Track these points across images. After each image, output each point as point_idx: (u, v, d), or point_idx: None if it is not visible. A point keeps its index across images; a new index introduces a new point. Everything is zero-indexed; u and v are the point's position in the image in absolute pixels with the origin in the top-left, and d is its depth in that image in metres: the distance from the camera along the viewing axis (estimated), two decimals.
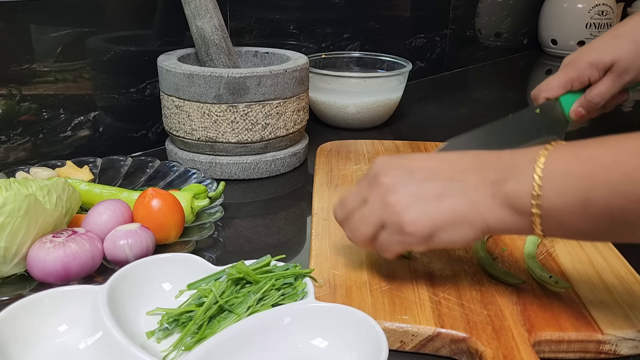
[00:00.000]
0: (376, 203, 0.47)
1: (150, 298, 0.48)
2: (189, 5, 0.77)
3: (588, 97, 0.63)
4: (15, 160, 0.74)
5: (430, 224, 0.45)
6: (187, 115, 0.74)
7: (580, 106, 0.63)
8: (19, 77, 0.72)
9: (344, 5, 1.14)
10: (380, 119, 1.01)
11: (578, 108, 0.64)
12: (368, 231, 0.48)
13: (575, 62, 0.64)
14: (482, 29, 1.56)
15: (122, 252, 0.51)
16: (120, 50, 0.81)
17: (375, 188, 0.47)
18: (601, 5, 1.63)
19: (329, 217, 0.63)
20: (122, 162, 0.74)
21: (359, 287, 0.51)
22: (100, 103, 0.81)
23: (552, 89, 0.64)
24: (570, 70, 0.63)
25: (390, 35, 1.27)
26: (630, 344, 0.45)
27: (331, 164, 0.78)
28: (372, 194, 0.48)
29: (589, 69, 0.63)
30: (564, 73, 0.64)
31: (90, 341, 0.43)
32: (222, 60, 0.80)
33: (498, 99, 1.30)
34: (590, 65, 0.62)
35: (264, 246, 0.62)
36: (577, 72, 0.63)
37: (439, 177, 0.46)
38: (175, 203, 0.57)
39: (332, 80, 0.96)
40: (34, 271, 0.49)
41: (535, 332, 0.45)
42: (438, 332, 0.45)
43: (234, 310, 0.45)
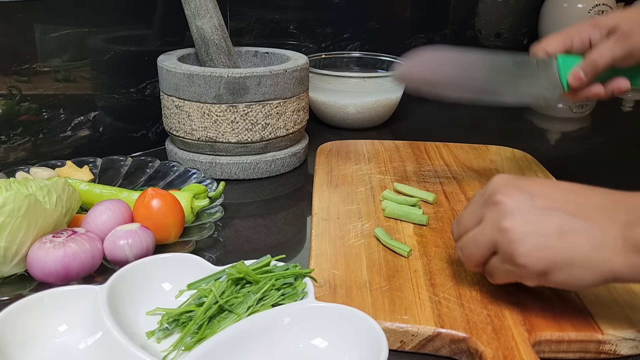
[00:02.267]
0: (490, 224, 0.44)
1: (150, 298, 0.48)
2: (189, 5, 0.77)
3: (589, 59, 0.59)
4: (15, 160, 0.74)
5: (546, 259, 0.42)
6: (187, 115, 0.74)
7: (580, 68, 0.60)
8: (19, 77, 0.72)
9: (344, 5, 1.14)
10: (380, 119, 1.01)
11: (577, 70, 0.60)
12: (478, 253, 0.46)
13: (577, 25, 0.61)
14: (482, 29, 1.56)
15: (122, 252, 0.51)
16: (120, 50, 0.81)
17: (490, 207, 0.45)
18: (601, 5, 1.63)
19: (329, 217, 0.63)
20: (122, 162, 0.74)
21: (359, 287, 0.51)
22: (100, 103, 0.81)
23: (551, 42, 0.61)
24: (572, 29, 0.61)
25: (390, 35, 1.27)
26: (630, 344, 0.45)
27: (331, 164, 0.78)
28: (487, 214, 0.45)
29: (591, 28, 0.59)
30: (566, 32, 0.61)
31: (90, 341, 0.43)
32: (222, 60, 0.80)
33: None
34: (592, 25, 0.59)
35: (264, 246, 0.62)
36: (577, 29, 0.60)
37: (562, 210, 0.42)
38: (175, 203, 0.57)
39: (332, 80, 0.96)
40: (34, 271, 0.49)
41: (535, 332, 0.45)
42: (438, 332, 0.45)
43: (234, 310, 0.45)
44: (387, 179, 0.74)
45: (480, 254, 0.46)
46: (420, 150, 0.84)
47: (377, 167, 0.77)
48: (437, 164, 0.79)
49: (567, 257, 0.41)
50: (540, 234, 0.42)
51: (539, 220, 0.42)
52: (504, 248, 0.43)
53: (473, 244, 0.46)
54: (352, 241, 0.58)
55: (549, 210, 0.42)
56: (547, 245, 0.42)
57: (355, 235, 0.60)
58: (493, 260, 0.45)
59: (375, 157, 0.81)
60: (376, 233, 0.59)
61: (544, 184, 0.46)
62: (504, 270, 0.44)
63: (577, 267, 0.41)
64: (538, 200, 0.43)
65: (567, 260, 0.41)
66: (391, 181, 0.73)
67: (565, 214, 0.42)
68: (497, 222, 0.44)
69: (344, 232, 0.60)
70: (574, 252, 0.41)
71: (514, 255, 0.43)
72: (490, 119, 1.12)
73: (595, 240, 0.41)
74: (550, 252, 0.42)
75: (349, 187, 0.71)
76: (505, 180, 0.46)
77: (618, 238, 0.40)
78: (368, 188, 0.71)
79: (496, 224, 0.44)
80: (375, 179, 0.74)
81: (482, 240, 0.45)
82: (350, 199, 0.68)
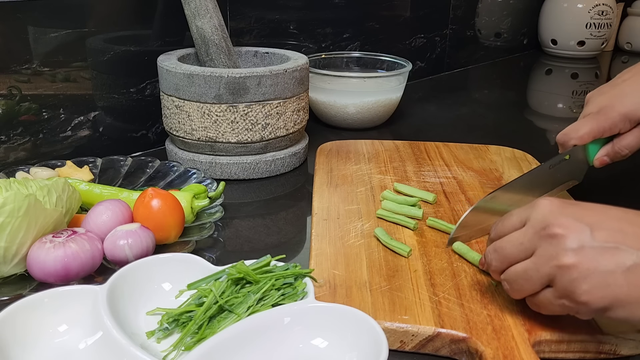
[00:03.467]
0: (546, 259, 0.42)
1: (150, 298, 0.48)
2: (189, 5, 0.77)
3: (616, 148, 0.60)
4: (15, 160, 0.74)
5: (609, 297, 0.40)
6: (187, 115, 0.74)
7: (606, 155, 0.61)
8: (19, 77, 0.72)
9: (344, 5, 1.14)
10: (380, 119, 1.01)
11: (603, 157, 0.61)
12: (529, 288, 0.43)
13: (607, 111, 0.60)
14: (482, 29, 1.56)
15: (122, 252, 0.51)
16: (120, 50, 0.81)
17: (545, 241, 0.42)
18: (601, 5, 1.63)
19: (329, 217, 0.63)
20: (122, 162, 0.74)
21: (359, 287, 0.51)
22: (100, 103, 0.81)
23: (582, 137, 0.60)
24: (603, 120, 0.59)
25: (390, 35, 1.27)
26: (630, 344, 0.45)
27: (331, 164, 0.78)
28: (542, 247, 0.42)
29: (622, 121, 0.59)
30: (596, 121, 0.60)
31: (90, 341, 0.43)
32: (222, 60, 0.80)
33: (498, 99, 1.30)
34: (623, 118, 0.59)
35: (264, 246, 0.62)
36: (609, 122, 0.59)
37: (624, 244, 0.40)
38: (175, 203, 0.57)
39: (332, 80, 0.96)
40: (34, 271, 0.49)
41: (535, 332, 0.45)
42: (438, 332, 0.45)
43: (234, 310, 0.45)
44: (387, 179, 0.74)
45: (532, 288, 0.44)
46: (420, 150, 0.84)
47: (377, 167, 0.77)
48: (437, 164, 0.79)
49: (631, 294, 0.40)
50: (604, 271, 0.40)
51: (602, 255, 0.40)
52: (563, 285, 0.41)
53: (524, 278, 0.43)
54: (352, 241, 0.58)
55: (610, 244, 0.40)
56: (610, 282, 0.40)
57: (355, 235, 0.60)
58: (545, 293, 0.43)
59: (375, 157, 0.81)
60: (376, 233, 0.59)
61: (597, 212, 0.43)
62: (559, 304, 0.43)
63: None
64: (597, 233, 0.41)
65: (631, 297, 0.40)
66: (391, 181, 0.73)
67: (626, 247, 0.40)
68: (555, 258, 0.41)
69: (344, 232, 0.60)
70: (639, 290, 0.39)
71: (575, 293, 0.41)
72: (490, 119, 1.12)
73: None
74: (614, 289, 0.40)
75: (349, 187, 0.71)
76: (556, 207, 0.43)
77: None
78: (368, 188, 0.71)
79: (554, 259, 0.41)
80: (375, 179, 0.74)
81: (536, 275, 0.43)
82: (350, 199, 0.68)
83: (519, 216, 0.45)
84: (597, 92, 0.63)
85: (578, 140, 0.61)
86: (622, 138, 0.60)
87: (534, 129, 1.09)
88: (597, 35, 1.66)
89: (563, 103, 1.29)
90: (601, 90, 0.63)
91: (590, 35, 1.65)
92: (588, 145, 0.62)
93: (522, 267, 0.43)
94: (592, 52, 1.70)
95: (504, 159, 0.81)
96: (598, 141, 0.61)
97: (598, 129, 0.60)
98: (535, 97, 1.36)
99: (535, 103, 1.31)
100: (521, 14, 1.69)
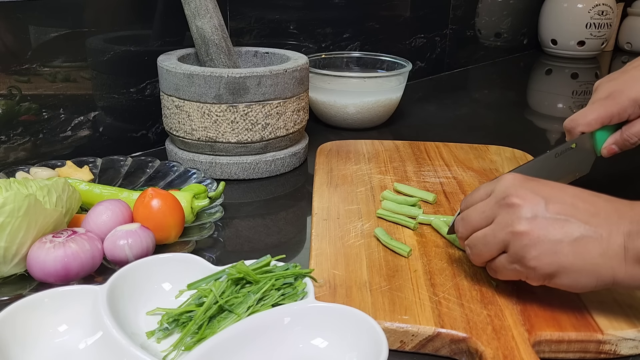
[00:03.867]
0: (502, 226, 0.45)
1: (150, 298, 0.48)
2: (189, 5, 0.77)
3: (625, 136, 0.58)
4: (15, 160, 0.74)
5: (555, 264, 0.43)
6: (187, 115, 0.74)
7: (615, 143, 0.59)
8: (19, 77, 0.72)
9: (344, 5, 1.14)
10: (380, 119, 1.01)
11: (612, 145, 0.59)
12: (487, 252, 0.47)
13: (616, 96, 0.58)
14: (482, 29, 1.56)
15: (122, 252, 0.51)
16: (120, 50, 0.81)
17: (504, 209, 0.45)
18: (601, 5, 1.63)
19: (329, 217, 0.63)
20: (122, 162, 0.74)
21: (359, 287, 0.51)
22: (100, 103, 0.81)
23: (590, 123, 0.59)
24: (611, 105, 0.58)
25: (390, 35, 1.27)
26: (630, 344, 0.45)
27: (331, 164, 0.78)
28: (500, 216, 0.45)
29: (632, 106, 0.57)
30: (604, 107, 0.58)
31: (90, 341, 0.43)
32: (222, 60, 0.80)
33: (498, 99, 1.30)
34: (633, 102, 0.57)
35: (264, 246, 0.62)
36: (618, 107, 0.58)
37: (573, 216, 0.43)
38: (175, 203, 0.57)
39: (332, 80, 0.96)
40: (34, 271, 0.49)
41: (535, 332, 0.45)
42: (438, 332, 0.45)
43: (234, 310, 0.45)
44: (387, 179, 0.74)
45: (489, 253, 0.47)
46: (420, 150, 0.84)
47: (377, 167, 0.77)
48: (437, 164, 0.79)
49: (575, 263, 0.43)
50: (553, 239, 0.43)
51: (552, 226, 0.43)
52: (515, 250, 0.44)
53: (483, 243, 0.47)
54: (352, 241, 0.58)
55: (562, 216, 0.44)
56: (558, 250, 0.43)
57: (355, 235, 0.60)
58: (500, 258, 0.46)
59: (375, 157, 0.81)
60: (376, 233, 0.59)
61: (554, 187, 0.46)
62: (511, 269, 0.46)
63: (583, 273, 0.43)
64: (551, 205, 0.44)
65: (575, 266, 0.43)
66: (391, 181, 0.73)
67: (576, 220, 0.43)
68: (510, 225, 0.44)
69: (344, 232, 0.60)
70: (582, 259, 0.43)
71: (525, 258, 0.44)
72: (490, 119, 1.12)
73: (602, 248, 0.42)
74: (560, 257, 0.43)
75: (349, 187, 0.71)
76: (517, 181, 0.46)
77: (621, 247, 0.42)
78: (368, 188, 0.71)
79: (509, 226, 0.44)
80: (375, 179, 0.74)
81: (493, 241, 0.46)
82: (350, 199, 0.68)
83: (485, 189, 0.49)
84: (606, 79, 0.61)
85: (585, 127, 0.59)
86: (632, 125, 0.58)
87: (534, 129, 1.09)
88: (597, 35, 1.66)
89: (563, 103, 1.29)
90: (610, 77, 0.61)
91: (590, 35, 1.65)
92: (596, 133, 0.59)
93: (482, 233, 0.47)
94: (592, 52, 1.70)
95: (504, 159, 0.81)
96: (606, 130, 0.59)
97: (606, 114, 0.58)
98: (535, 97, 1.36)
99: (535, 103, 1.31)
100: (521, 14, 1.69)
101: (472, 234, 0.48)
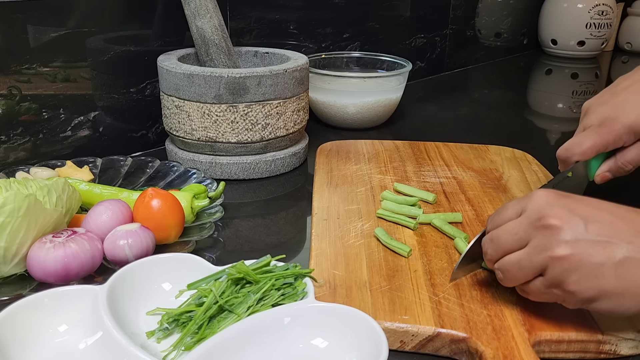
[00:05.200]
0: (539, 250, 0.42)
1: (150, 298, 0.48)
2: (189, 5, 0.77)
3: (620, 163, 0.57)
4: (15, 160, 0.74)
5: (596, 289, 0.41)
6: (187, 115, 0.74)
7: (609, 170, 0.58)
8: (19, 77, 0.72)
9: (344, 5, 1.14)
10: (380, 119, 1.01)
11: (605, 172, 0.58)
12: (522, 277, 0.44)
13: (610, 124, 0.56)
14: (482, 29, 1.56)
15: (122, 252, 0.51)
16: (120, 50, 0.81)
17: (540, 232, 0.42)
18: (601, 5, 1.63)
19: (329, 217, 0.63)
20: (122, 162, 0.74)
21: (359, 287, 0.51)
22: (100, 103, 0.81)
23: (585, 152, 0.57)
24: (606, 134, 0.56)
25: (390, 35, 1.27)
26: (630, 344, 0.45)
27: (331, 164, 0.78)
28: (537, 239, 0.43)
29: (627, 133, 0.56)
30: (599, 135, 0.57)
31: (90, 341, 0.43)
32: (222, 60, 0.80)
33: (498, 99, 1.30)
34: (628, 131, 0.56)
35: (264, 246, 0.62)
36: (613, 136, 0.56)
37: (616, 237, 0.41)
38: (175, 203, 0.57)
39: (332, 80, 0.96)
40: (34, 271, 0.49)
41: (535, 332, 0.45)
42: (438, 332, 0.45)
43: (234, 310, 0.45)
44: (387, 179, 0.74)
45: (524, 277, 0.44)
46: (420, 150, 0.84)
47: (377, 167, 0.77)
48: (437, 164, 0.79)
49: (618, 287, 0.41)
50: (595, 263, 0.41)
51: (593, 248, 0.41)
52: (553, 275, 0.42)
53: (517, 267, 0.44)
54: (352, 241, 0.58)
55: (603, 237, 0.41)
56: (599, 274, 0.41)
57: (355, 235, 0.60)
58: (536, 282, 0.44)
59: (375, 157, 0.81)
60: (376, 233, 0.59)
61: (590, 205, 0.44)
62: (548, 293, 0.44)
63: (626, 296, 0.41)
64: (591, 226, 0.42)
65: (617, 290, 0.41)
66: (391, 181, 0.73)
67: (618, 241, 0.41)
68: (549, 249, 0.42)
69: (344, 232, 0.60)
70: (626, 283, 0.41)
71: (565, 282, 0.42)
72: (490, 119, 1.12)
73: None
74: (602, 281, 0.41)
75: (349, 187, 0.71)
76: (552, 199, 0.44)
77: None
78: (368, 188, 0.71)
79: (548, 250, 0.42)
80: (375, 179, 0.74)
81: (529, 266, 0.43)
82: (350, 199, 0.68)
83: (515, 207, 0.46)
84: (597, 102, 0.60)
85: (581, 156, 0.57)
86: (625, 152, 0.57)
87: (534, 129, 1.09)
88: (597, 35, 1.66)
89: (563, 103, 1.29)
90: (601, 100, 0.60)
91: (590, 35, 1.65)
92: (590, 160, 0.58)
93: (516, 257, 0.44)
94: (592, 52, 1.70)
95: (504, 159, 0.81)
96: (599, 155, 0.58)
97: (602, 143, 0.57)
98: (535, 97, 1.36)
99: (535, 103, 1.31)
100: (521, 14, 1.69)
101: (504, 257, 0.45)
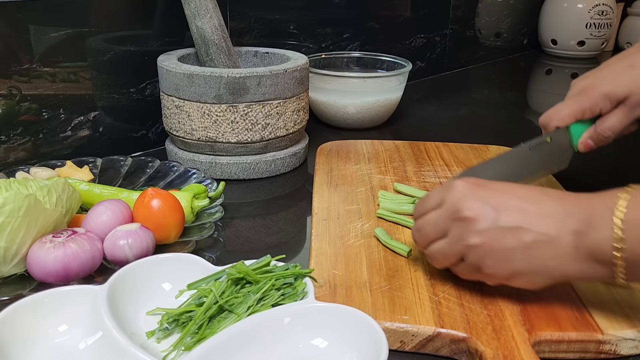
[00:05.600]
0: (457, 240, 0.47)
1: (150, 298, 0.48)
2: (189, 5, 0.77)
3: (599, 130, 0.60)
4: (15, 160, 0.74)
5: (510, 270, 0.46)
6: (187, 115, 0.74)
7: (590, 138, 0.61)
8: (19, 77, 0.72)
9: (344, 5, 1.14)
10: (380, 119, 1.00)
11: (587, 140, 0.61)
12: (446, 261, 0.50)
13: (588, 91, 0.60)
14: (482, 29, 1.56)
15: (122, 252, 0.51)
16: (120, 50, 0.81)
17: (456, 223, 0.47)
18: (601, 5, 1.63)
19: (329, 217, 0.63)
20: (122, 162, 0.74)
21: (359, 287, 0.51)
22: (100, 103, 0.81)
23: (563, 118, 0.61)
24: (583, 100, 0.60)
25: (390, 35, 1.27)
26: (630, 344, 0.45)
27: (331, 164, 0.78)
28: (453, 229, 0.47)
29: (603, 100, 0.59)
30: (576, 102, 0.61)
31: (90, 341, 0.43)
32: (222, 60, 0.80)
33: (498, 99, 1.30)
34: (604, 97, 0.59)
35: (264, 246, 0.62)
36: (589, 102, 0.60)
37: (524, 222, 0.45)
38: (175, 203, 0.57)
39: (332, 80, 0.96)
40: (34, 271, 0.49)
41: (535, 332, 0.45)
42: (438, 332, 0.45)
43: (234, 310, 0.45)
44: (387, 179, 0.74)
45: (449, 262, 0.49)
46: (420, 150, 0.84)
47: (377, 167, 0.77)
48: (437, 164, 0.79)
49: (528, 267, 0.45)
50: (505, 248, 0.45)
51: (504, 235, 0.45)
52: (471, 261, 0.47)
53: (441, 254, 0.49)
54: (352, 241, 0.58)
55: (513, 224, 0.45)
56: (510, 257, 0.45)
57: (355, 235, 0.60)
58: (460, 265, 0.49)
59: (375, 157, 0.81)
60: (376, 233, 0.59)
61: (504, 192, 0.47)
62: (470, 273, 0.49)
63: (536, 274, 0.46)
64: (502, 214, 0.46)
65: (528, 270, 0.45)
66: (391, 181, 0.73)
67: (527, 228, 0.45)
68: (464, 238, 0.47)
69: (344, 232, 0.60)
70: (534, 263, 0.45)
71: (481, 266, 0.47)
72: (490, 119, 1.12)
73: (553, 252, 0.44)
74: (514, 263, 0.46)
75: (349, 187, 0.71)
76: (468, 191, 0.48)
77: (571, 247, 0.44)
78: (368, 188, 0.71)
79: (464, 239, 0.47)
80: (375, 179, 0.74)
81: (450, 253, 0.48)
82: (350, 199, 0.68)
83: (436, 198, 0.50)
84: (581, 77, 0.64)
85: (559, 122, 0.61)
86: (604, 119, 0.60)
87: (534, 129, 1.09)
88: (597, 35, 1.66)
89: None
90: (584, 75, 0.64)
91: (590, 35, 1.65)
92: (571, 128, 0.61)
93: (439, 245, 0.49)
94: (592, 52, 1.70)
95: None
96: (582, 125, 0.61)
97: (579, 108, 0.60)
98: (535, 97, 1.36)
99: (535, 103, 1.31)
100: (521, 14, 1.69)
101: (430, 245, 0.50)
